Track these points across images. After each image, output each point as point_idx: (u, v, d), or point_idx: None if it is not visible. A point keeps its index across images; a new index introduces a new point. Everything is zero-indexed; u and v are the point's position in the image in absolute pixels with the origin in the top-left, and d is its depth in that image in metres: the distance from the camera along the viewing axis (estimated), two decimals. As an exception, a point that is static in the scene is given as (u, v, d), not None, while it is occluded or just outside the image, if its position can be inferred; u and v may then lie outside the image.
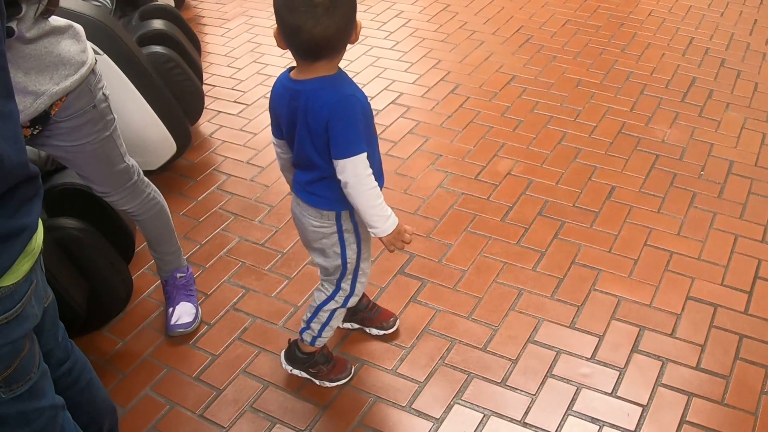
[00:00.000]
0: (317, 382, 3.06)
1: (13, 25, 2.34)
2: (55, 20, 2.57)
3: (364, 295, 3.22)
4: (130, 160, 3.01)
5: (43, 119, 2.58)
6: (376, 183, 2.43)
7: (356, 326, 3.27)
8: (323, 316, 2.88)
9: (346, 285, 2.81)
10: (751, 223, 3.82)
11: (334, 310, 2.88)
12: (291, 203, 2.71)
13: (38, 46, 2.49)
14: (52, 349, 2.29)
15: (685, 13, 5.98)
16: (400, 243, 2.55)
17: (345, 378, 3.06)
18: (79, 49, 2.65)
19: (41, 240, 1.98)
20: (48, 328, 2.22)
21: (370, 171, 2.40)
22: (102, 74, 2.77)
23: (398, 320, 3.29)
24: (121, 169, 2.95)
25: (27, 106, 2.48)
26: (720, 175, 4.15)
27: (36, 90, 2.49)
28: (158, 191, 3.21)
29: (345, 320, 3.26)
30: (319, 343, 2.96)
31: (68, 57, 2.58)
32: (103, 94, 2.75)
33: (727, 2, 6.15)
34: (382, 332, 3.24)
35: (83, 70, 2.63)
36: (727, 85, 5.00)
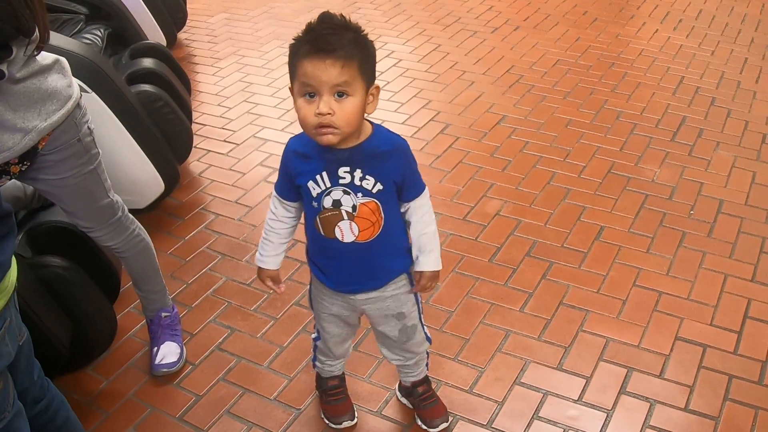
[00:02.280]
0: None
1: (3, 68, 2.33)
2: (44, 58, 2.57)
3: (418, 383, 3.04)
4: (115, 196, 3.00)
5: (31, 155, 2.57)
6: (269, 223, 2.57)
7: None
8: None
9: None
10: (740, 262, 3.80)
11: (313, 341, 2.93)
12: None
13: (27, 84, 2.49)
14: (28, 388, 2.26)
15: (675, 53, 6.00)
16: (261, 282, 2.69)
17: (332, 423, 3.01)
18: (66, 84, 2.65)
19: (15, 278, 1.97)
20: (23, 366, 2.20)
21: (272, 207, 2.55)
22: (87, 109, 2.77)
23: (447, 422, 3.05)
24: (105, 204, 2.93)
25: (16, 143, 2.48)
26: (710, 214, 4.14)
27: (25, 127, 2.48)
28: (143, 229, 3.20)
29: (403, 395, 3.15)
30: (316, 367, 3.01)
31: (55, 91, 2.59)
32: (88, 128, 2.75)
33: (718, 41, 6.18)
34: (424, 427, 3.04)
35: (69, 104, 2.63)
36: (717, 123, 5.01)
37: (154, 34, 5.55)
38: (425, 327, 2.79)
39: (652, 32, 6.40)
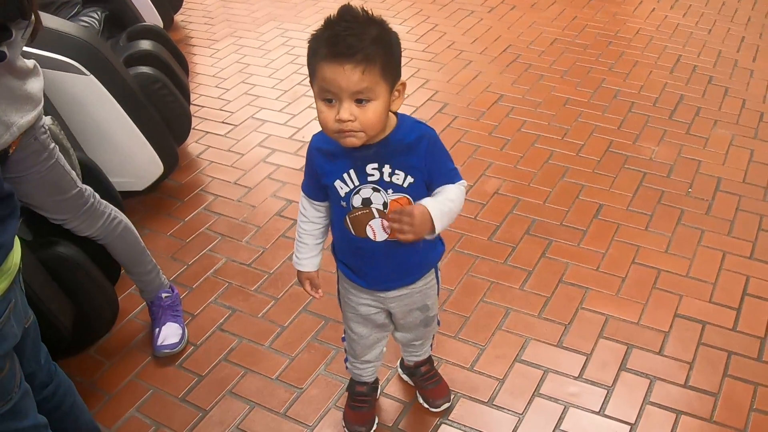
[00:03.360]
0: None
1: (4, 48, 2.33)
2: (26, 63, 2.60)
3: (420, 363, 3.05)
4: (83, 186, 3.01)
5: (2, 158, 2.58)
6: (301, 225, 2.48)
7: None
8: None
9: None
10: (739, 239, 3.81)
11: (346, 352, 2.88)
12: None
13: (13, 81, 2.52)
14: (35, 372, 2.27)
15: (672, 31, 5.99)
16: (301, 286, 2.60)
17: (346, 428, 2.95)
18: (40, 87, 2.69)
19: (18, 259, 1.97)
20: (30, 350, 2.20)
21: (301, 209, 2.46)
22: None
23: (449, 402, 3.07)
24: (74, 194, 2.94)
25: (0, 135, 2.48)
26: (708, 192, 4.15)
27: (7, 121, 2.49)
28: (120, 212, 3.20)
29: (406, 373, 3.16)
30: (347, 368, 2.92)
31: (32, 94, 2.62)
32: (43, 126, 2.75)
33: (715, 20, 6.17)
34: (426, 406, 3.05)
35: (40, 107, 2.67)
36: (714, 102, 5.01)
37: (151, 16, 5.53)
38: None
39: (649, 11, 6.38)
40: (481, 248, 3.79)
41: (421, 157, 2.21)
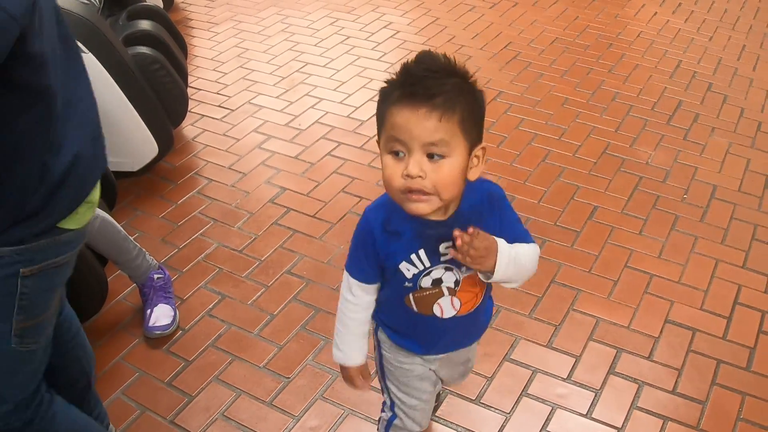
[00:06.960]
0: None
1: None
2: None
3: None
4: None
5: None
6: (348, 314, 2.14)
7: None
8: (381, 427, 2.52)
9: (386, 398, 2.44)
10: (732, 248, 3.81)
11: (386, 421, 2.48)
12: None
13: None
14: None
15: (673, 36, 5.99)
16: (349, 383, 2.30)
17: None
18: None
19: (98, 194, 2.09)
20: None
21: (349, 296, 2.10)
22: None
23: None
24: None
25: None
26: (703, 199, 4.14)
27: None
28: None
29: None
30: None
31: None
32: None
33: (716, 27, 6.17)
34: None
35: None
36: (713, 109, 5.00)
37: (151, -5, 5.51)
38: None
39: (651, 14, 6.38)
40: (474, 245, 3.77)
41: (493, 216, 1.97)
